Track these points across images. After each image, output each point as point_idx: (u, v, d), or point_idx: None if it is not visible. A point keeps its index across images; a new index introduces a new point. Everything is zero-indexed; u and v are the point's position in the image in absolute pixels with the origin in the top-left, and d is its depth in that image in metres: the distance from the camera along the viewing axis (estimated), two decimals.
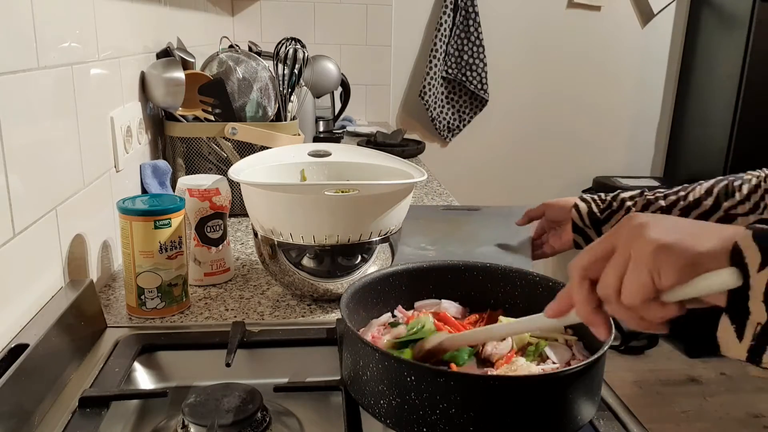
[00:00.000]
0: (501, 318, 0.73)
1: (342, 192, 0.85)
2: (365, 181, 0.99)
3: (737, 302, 0.42)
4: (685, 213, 0.99)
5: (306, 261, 0.87)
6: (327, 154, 1.05)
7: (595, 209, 1.05)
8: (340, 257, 0.87)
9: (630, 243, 0.46)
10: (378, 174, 1.01)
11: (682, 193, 1.01)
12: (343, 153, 1.06)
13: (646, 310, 0.46)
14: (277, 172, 1.01)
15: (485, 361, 0.68)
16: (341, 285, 0.89)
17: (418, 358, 0.66)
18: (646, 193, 1.04)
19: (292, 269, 0.88)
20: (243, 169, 0.94)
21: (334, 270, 0.88)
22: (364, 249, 0.87)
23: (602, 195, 1.07)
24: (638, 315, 0.47)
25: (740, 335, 0.42)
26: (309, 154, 1.04)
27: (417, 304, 0.79)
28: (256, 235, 0.91)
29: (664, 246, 0.44)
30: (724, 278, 0.43)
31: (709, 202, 0.98)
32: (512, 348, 0.68)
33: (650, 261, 0.44)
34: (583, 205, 1.06)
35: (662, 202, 1.01)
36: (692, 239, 0.44)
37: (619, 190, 1.07)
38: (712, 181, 1.00)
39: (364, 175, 1.02)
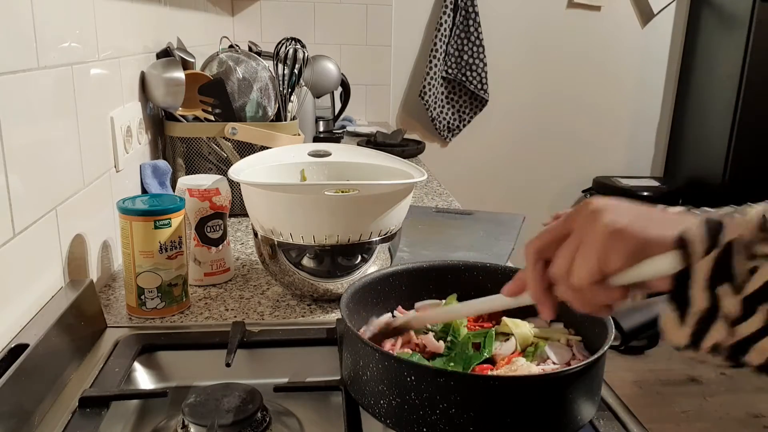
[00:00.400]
0: (506, 320, 0.74)
1: (342, 192, 0.85)
2: (365, 181, 0.99)
3: (679, 289, 0.43)
4: None
5: (306, 261, 0.87)
6: (327, 154, 1.05)
7: None
8: (340, 257, 0.87)
9: (584, 227, 0.47)
10: (378, 174, 1.01)
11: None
12: (343, 153, 1.06)
13: (592, 292, 0.47)
14: (277, 172, 1.01)
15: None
16: (341, 285, 0.89)
17: (383, 334, 0.69)
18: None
19: (292, 269, 0.88)
20: (243, 169, 0.94)
21: (334, 270, 0.88)
22: (364, 249, 0.87)
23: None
24: (584, 297, 0.48)
25: (682, 321, 0.43)
26: (309, 154, 1.04)
27: (417, 304, 0.79)
28: (256, 235, 0.91)
29: (615, 231, 0.45)
30: (664, 263, 0.43)
31: None
32: (516, 349, 0.68)
33: (599, 245, 0.45)
34: None
35: None
36: (645, 224, 0.45)
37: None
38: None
39: (364, 175, 1.02)
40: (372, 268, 0.89)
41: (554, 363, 0.66)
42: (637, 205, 0.48)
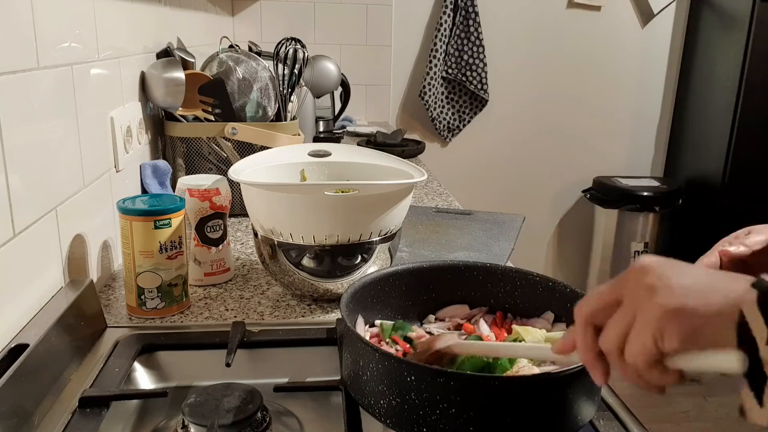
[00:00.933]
0: (516, 328, 0.73)
1: (342, 192, 0.85)
2: (365, 181, 0.99)
3: (753, 370, 0.41)
4: None
5: (306, 261, 0.87)
6: (327, 154, 1.05)
7: None
8: (340, 257, 0.87)
9: (636, 302, 0.46)
10: (378, 174, 1.01)
11: None
12: (343, 153, 1.06)
13: (648, 372, 0.46)
14: (277, 173, 1.01)
15: None
16: (341, 285, 0.89)
17: (424, 357, 0.65)
18: None
19: (292, 269, 0.88)
20: (243, 169, 0.94)
21: (334, 270, 0.88)
22: (364, 249, 0.87)
23: None
24: (637, 374, 0.47)
25: (760, 401, 0.41)
26: (309, 154, 1.04)
27: (441, 312, 0.78)
28: (256, 235, 0.91)
29: (670, 311, 0.43)
30: (731, 362, 0.42)
31: None
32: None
33: (655, 325, 0.44)
34: None
35: None
36: (699, 300, 0.43)
37: None
38: None
39: (364, 176, 1.02)
40: (372, 268, 0.89)
41: (553, 363, 0.66)
42: (687, 269, 0.46)
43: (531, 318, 0.76)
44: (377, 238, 0.88)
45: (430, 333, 0.74)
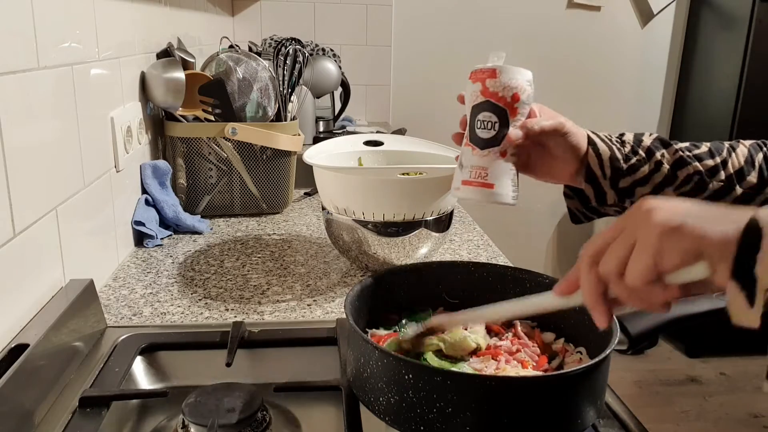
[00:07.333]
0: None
1: (408, 175, 0.95)
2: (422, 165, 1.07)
3: (745, 269, 0.42)
4: (728, 186, 0.80)
5: (372, 237, 0.97)
6: (380, 144, 1.14)
7: (618, 155, 0.80)
8: (403, 233, 0.97)
9: (637, 226, 0.46)
10: (429, 160, 1.09)
11: (718, 159, 0.81)
12: (395, 142, 1.17)
13: (649, 292, 0.46)
14: (337, 160, 1.08)
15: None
16: (400, 258, 1.01)
17: (410, 339, 0.67)
18: (676, 146, 0.81)
19: (357, 245, 0.99)
20: (313, 156, 1.02)
21: (394, 244, 0.98)
22: (428, 225, 0.99)
23: (618, 137, 0.83)
24: (640, 296, 0.47)
25: (751, 301, 0.42)
26: (364, 144, 1.14)
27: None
28: (325, 215, 1.02)
29: (671, 229, 0.44)
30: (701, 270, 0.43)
31: (754, 177, 0.80)
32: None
33: (655, 243, 0.45)
34: (603, 147, 0.80)
35: (698, 165, 0.80)
36: (702, 222, 0.44)
37: (634, 133, 0.83)
38: (747, 146, 0.84)
39: (415, 162, 1.10)
40: (425, 248, 1.01)
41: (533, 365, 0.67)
42: (691, 203, 0.47)
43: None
44: (434, 217, 0.99)
45: None
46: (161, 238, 1.18)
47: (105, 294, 0.95)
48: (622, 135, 0.83)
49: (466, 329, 0.69)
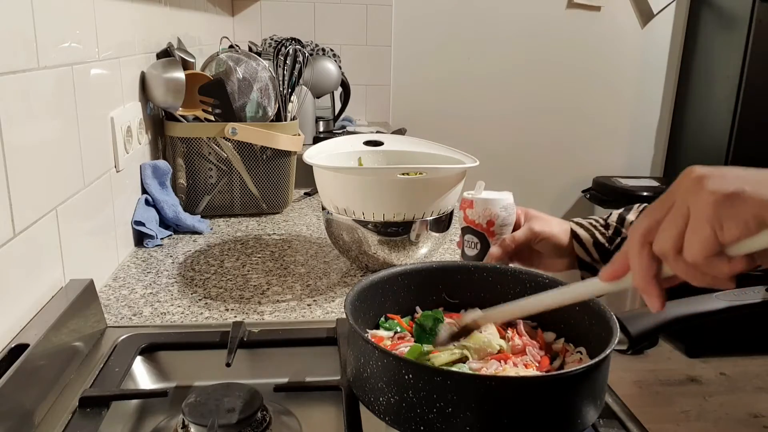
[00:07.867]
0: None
1: (408, 175, 0.95)
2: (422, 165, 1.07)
3: None
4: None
5: (372, 236, 0.98)
6: (380, 144, 1.15)
7: (601, 240, 0.89)
8: (402, 233, 0.98)
9: (688, 197, 0.43)
10: (429, 161, 1.09)
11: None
12: (395, 142, 1.17)
13: (711, 266, 0.43)
14: (337, 160, 1.08)
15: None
16: (400, 259, 1.01)
17: (448, 336, 0.66)
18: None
19: (357, 245, 0.99)
20: (313, 156, 1.02)
21: (394, 244, 0.98)
22: (428, 225, 0.99)
23: (597, 219, 0.93)
24: (702, 272, 0.44)
25: None
26: (364, 143, 1.15)
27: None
28: (325, 215, 1.02)
29: (726, 197, 0.41)
30: None
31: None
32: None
33: (711, 214, 0.41)
34: (585, 235, 0.90)
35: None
36: (759, 188, 0.41)
37: (620, 211, 0.93)
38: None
39: (416, 162, 1.10)
40: (424, 249, 1.02)
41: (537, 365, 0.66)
42: (739, 168, 0.43)
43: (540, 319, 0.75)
44: (434, 217, 0.99)
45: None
46: (161, 238, 1.18)
47: (105, 294, 0.95)
48: (607, 217, 0.92)
49: (481, 332, 0.69)
